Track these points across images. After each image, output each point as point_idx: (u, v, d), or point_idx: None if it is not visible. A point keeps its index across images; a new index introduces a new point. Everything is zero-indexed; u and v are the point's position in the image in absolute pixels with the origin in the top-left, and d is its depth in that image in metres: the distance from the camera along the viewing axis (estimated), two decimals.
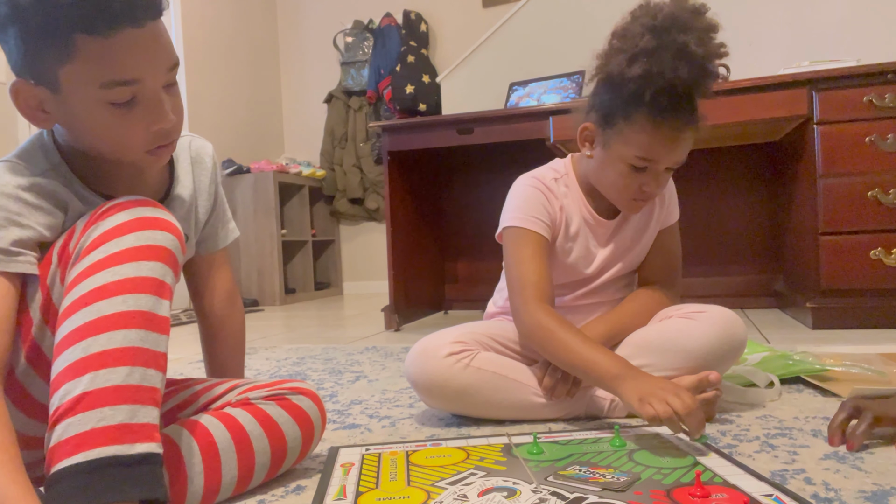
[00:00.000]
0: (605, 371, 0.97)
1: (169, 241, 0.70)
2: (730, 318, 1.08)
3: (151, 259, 0.67)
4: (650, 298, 1.18)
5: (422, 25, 4.02)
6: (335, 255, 4.44)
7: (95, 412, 0.60)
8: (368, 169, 4.19)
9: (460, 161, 3.02)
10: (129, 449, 0.60)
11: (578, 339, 1.03)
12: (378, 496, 0.76)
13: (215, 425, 0.78)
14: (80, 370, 0.61)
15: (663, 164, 1.06)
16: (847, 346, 1.69)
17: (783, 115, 2.06)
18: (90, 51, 0.66)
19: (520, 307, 1.10)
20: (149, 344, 0.65)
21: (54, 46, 0.66)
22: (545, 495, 0.74)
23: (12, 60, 0.70)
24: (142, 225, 0.69)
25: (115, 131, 0.71)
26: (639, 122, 1.03)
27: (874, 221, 1.96)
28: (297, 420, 0.84)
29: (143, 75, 0.69)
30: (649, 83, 0.99)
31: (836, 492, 0.74)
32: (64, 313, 0.65)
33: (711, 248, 2.76)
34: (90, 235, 0.69)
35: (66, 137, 0.77)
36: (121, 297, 0.64)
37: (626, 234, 1.20)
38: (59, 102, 0.70)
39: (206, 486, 0.75)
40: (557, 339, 1.03)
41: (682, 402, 0.86)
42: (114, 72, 0.67)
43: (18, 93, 0.71)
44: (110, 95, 0.69)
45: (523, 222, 1.13)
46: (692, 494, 0.71)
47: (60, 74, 0.68)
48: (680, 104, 1.01)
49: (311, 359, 1.91)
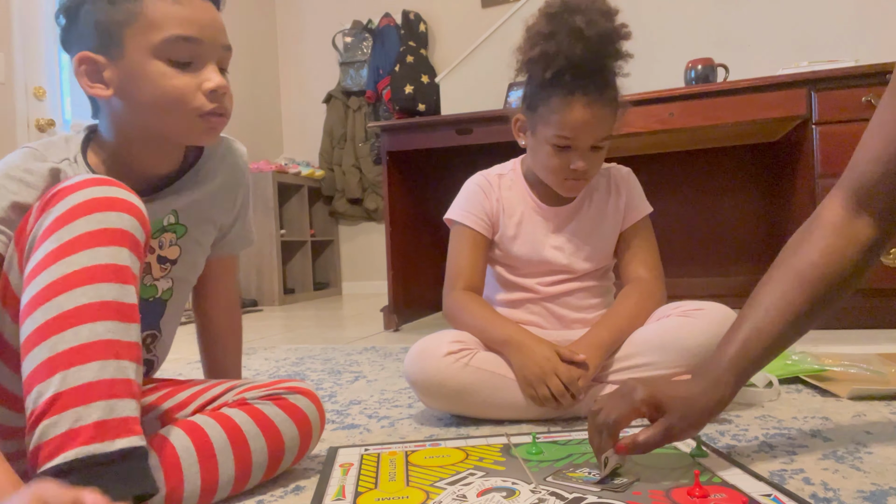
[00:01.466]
0: (498, 335, 1.11)
1: (126, 222, 0.66)
2: (728, 315, 1.09)
3: (107, 244, 0.64)
4: (642, 297, 1.18)
5: (421, 25, 4.01)
6: (334, 255, 4.44)
7: (70, 413, 0.58)
8: (367, 169, 4.19)
9: (459, 161, 3.02)
10: (109, 446, 0.59)
11: (483, 308, 1.18)
12: (377, 496, 0.76)
13: (211, 425, 0.78)
14: (49, 370, 0.60)
15: (583, 141, 1.11)
16: (846, 346, 1.69)
17: (781, 115, 2.06)
18: (157, 11, 0.74)
19: (447, 293, 1.22)
20: (118, 335, 0.62)
21: (125, 10, 0.74)
22: (544, 495, 0.74)
23: (79, 37, 0.77)
24: (93, 207, 0.65)
25: (166, 85, 0.76)
26: (552, 103, 1.10)
27: None
28: (295, 420, 0.84)
29: (203, 37, 0.76)
30: (550, 64, 1.07)
31: (834, 492, 0.74)
32: (25, 310, 0.63)
33: (710, 248, 2.76)
34: (42, 223, 0.66)
35: (112, 118, 0.81)
36: (80, 290, 0.62)
37: (583, 222, 1.24)
38: (121, 69, 0.76)
39: (202, 486, 0.75)
40: (466, 308, 1.17)
41: (555, 384, 1.02)
42: (179, 27, 0.75)
43: (81, 62, 0.76)
44: (171, 50, 0.75)
45: (460, 217, 1.25)
46: (691, 494, 0.71)
47: (126, 36, 0.74)
48: (585, 82, 1.08)
49: (310, 359, 1.91)
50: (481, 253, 1.24)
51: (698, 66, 2.36)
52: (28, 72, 2.57)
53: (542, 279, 1.24)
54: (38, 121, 2.58)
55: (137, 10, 0.74)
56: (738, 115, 2.09)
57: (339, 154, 4.26)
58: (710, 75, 2.35)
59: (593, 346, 1.07)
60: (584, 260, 1.24)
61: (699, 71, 2.36)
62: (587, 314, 1.24)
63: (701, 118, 2.14)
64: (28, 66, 2.57)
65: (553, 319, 1.24)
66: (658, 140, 2.47)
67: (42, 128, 2.58)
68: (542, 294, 1.24)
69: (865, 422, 1.02)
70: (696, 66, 2.37)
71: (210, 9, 0.78)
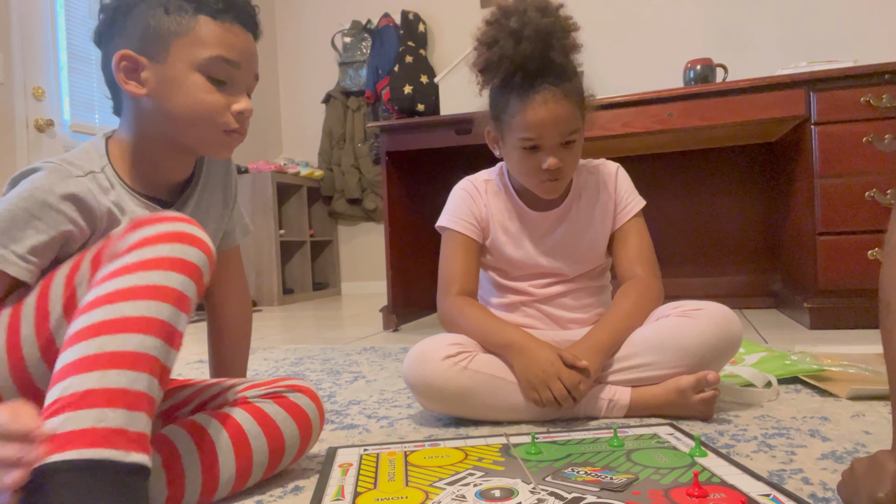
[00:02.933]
0: (499, 339, 1.10)
1: (199, 258, 0.71)
2: (726, 314, 1.09)
3: (181, 272, 0.68)
4: (641, 296, 1.17)
5: (420, 26, 4.01)
6: (333, 255, 4.44)
7: (96, 411, 0.59)
8: (367, 169, 4.19)
9: (459, 161, 3.02)
10: (125, 456, 0.59)
11: (482, 312, 1.17)
12: (376, 496, 0.76)
13: (213, 424, 0.79)
14: (90, 366, 0.61)
15: (548, 138, 1.11)
16: (844, 346, 1.69)
17: (780, 115, 2.06)
18: (208, 31, 0.82)
19: (441, 298, 1.22)
20: (160, 354, 0.64)
21: (178, 22, 0.81)
22: (543, 495, 0.74)
23: (123, 34, 0.82)
24: (178, 238, 0.70)
25: (201, 99, 0.82)
26: (511, 107, 1.11)
27: (871, 222, 1.97)
28: (295, 418, 0.84)
29: (241, 62, 0.84)
30: (497, 70, 1.10)
31: (833, 491, 0.74)
32: (86, 307, 0.65)
33: (709, 248, 2.76)
34: (128, 240, 0.69)
35: (137, 117, 0.85)
36: (145, 303, 0.64)
37: (573, 225, 1.24)
38: (160, 71, 0.82)
39: (203, 485, 0.75)
40: (463, 312, 1.17)
41: (558, 388, 1.01)
42: (224, 50, 0.83)
43: (122, 58, 0.81)
44: (212, 68, 0.82)
45: (450, 223, 1.25)
46: (690, 494, 0.71)
47: (172, 45, 0.81)
48: (536, 80, 1.09)
49: (310, 359, 1.91)
50: (474, 257, 1.24)
51: (697, 66, 2.37)
52: (27, 72, 2.57)
53: (535, 282, 1.25)
54: (37, 121, 2.57)
55: (190, 26, 0.82)
56: (737, 116, 2.10)
57: (339, 154, 4.26)
58: (709, 75, 2.35)
59: (594, 350, 1.07)
60: (577, 262, 1.24)
61: (698, 71, 2.36)
62: (583, 314, 1.24)
63: (700, 118, 2.14)
64: (27, 66, 2.57)
65: (549, 321, 1.24)
66: (657, 140, 2.47)
67: (41, 128, 2.58)
68: (537, 296, 1.24)
69: (864, 422, 1.02)
70: (695, 67, 2.37)
71: (250, 39, 0.87)
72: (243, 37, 0.85)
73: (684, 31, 3.28)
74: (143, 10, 0.82)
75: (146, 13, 0.82)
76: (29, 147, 2.57)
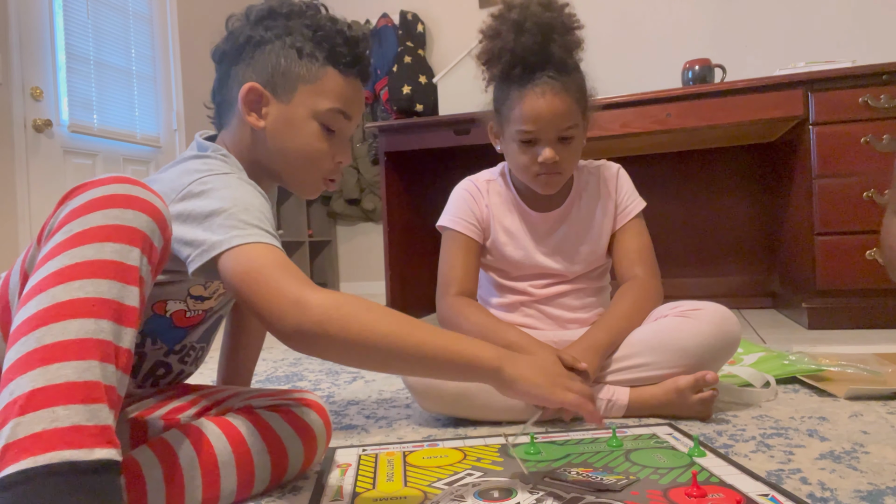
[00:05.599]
0: (500, 341, 1.08)
1: (143, 222, 0.62)
2: (724, 314, 1.09)
3: (118, 240, 0.60)
4: (639, 296, 1.18)
5: (418, 26, 4.01)
6: (332, 255, 4.44)
7: (47, 411, 0.52)
8: (365, 170, 4.19)
9: (457, 161, 3.02)
10: (88, 454, 0.52)
11: (482, 313, 1.17)
12: (375, 497, 0.76)
13: (217, 436, 0.77)
14: (32, 363, 0.54)
15: (545, 132, 1.12)
16: (843, 346, 1.70)
17: (779, 115, 2.07)
18: (334, 83, 0.89)
19: (440, 299, 1.22)
20: (110, 335, 0.57)
21: (308, 69, 0.88)
22: (542, 496, 0.74)
23: (251, 65, 0.88)
24: (111, 202, 0.61)
25: (314, 147, 0.89)
26: (510, 100, 1.13)
27: (870, 222, 1.97)
28: (301, 435, 0.82)
29: (354, 117, 0.92)
30: (497, 61, 1.13)
31: (831, 491, 0.74)
32: (23, 299, 0.58)
33: (707, 248, 2.76)
34: (59, 215, 0.62)
35: (244, 141, 0.90)
36: (78, 283, 0.57)
37: (573, 226, 1.24)
38: (282, 110, 0.88)
39: (203, 499, 0.74)
40: (463, 313, 1.17)
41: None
42: (343, 104, 0.89)
43: (250, 91, 0.87)
44: (328, 118, 0.89)
45: (451, 223, 1.25)
46: (689, 494, 0.71)
47: (299, 90, 0.87)
48: (536, 73, 1.10)
49: (308, 359, 1.90)
50: (473, 258, 1.24)
51: (695, 66, 2.37)
52: (25, 72, 2.56)
53: (534, 282, 1.25)
54: (35, 121, 2.57)
55: (319, 75, 0.88)
56: (736, 116, 2.10)
57: None
58: (708, 76, 2.35)
59: (591, 350, 1.07)
60: (577, 263, 1.24)
61: (696, 71, 2.36)
62: (583, 314, 1.24)
63: (698, 119, 2.15)
64: (25, 66, 2.57)
65: (548, 321, 1.24)
66: (655, 140, 2.48)
67: (39, 128, 2.58)
68: (536, 297, 1.24)
69: (862, 422, 1.02)
70: (694, 67, 2.37)
71: (362, 92, 0.95)
72: (360, 91, 0.92)
73: (683, 31, 3.28)
74: (277, 48, 0.87)
75: (279, 52, 0.87)
76: (27, 147, 2.56)
